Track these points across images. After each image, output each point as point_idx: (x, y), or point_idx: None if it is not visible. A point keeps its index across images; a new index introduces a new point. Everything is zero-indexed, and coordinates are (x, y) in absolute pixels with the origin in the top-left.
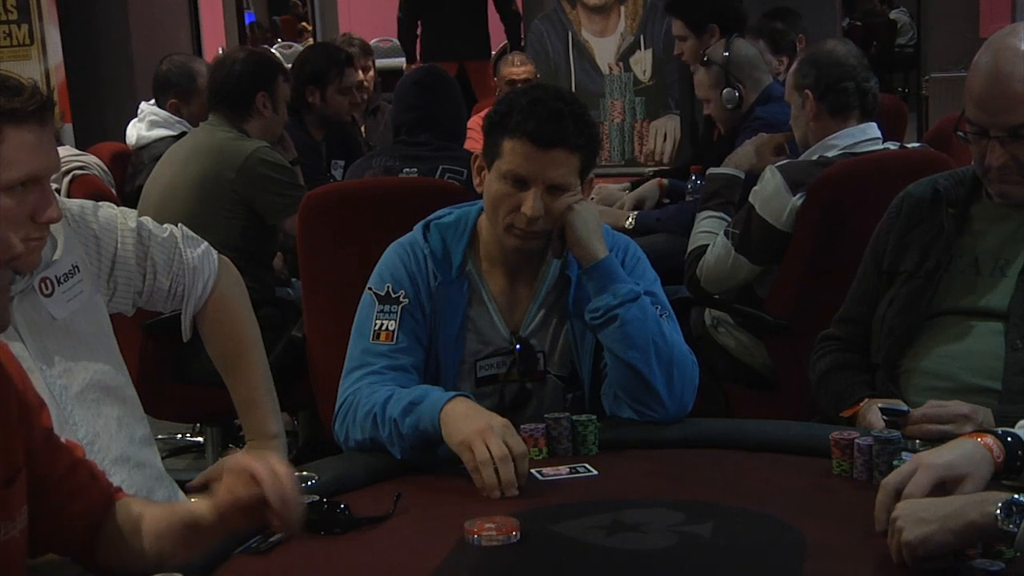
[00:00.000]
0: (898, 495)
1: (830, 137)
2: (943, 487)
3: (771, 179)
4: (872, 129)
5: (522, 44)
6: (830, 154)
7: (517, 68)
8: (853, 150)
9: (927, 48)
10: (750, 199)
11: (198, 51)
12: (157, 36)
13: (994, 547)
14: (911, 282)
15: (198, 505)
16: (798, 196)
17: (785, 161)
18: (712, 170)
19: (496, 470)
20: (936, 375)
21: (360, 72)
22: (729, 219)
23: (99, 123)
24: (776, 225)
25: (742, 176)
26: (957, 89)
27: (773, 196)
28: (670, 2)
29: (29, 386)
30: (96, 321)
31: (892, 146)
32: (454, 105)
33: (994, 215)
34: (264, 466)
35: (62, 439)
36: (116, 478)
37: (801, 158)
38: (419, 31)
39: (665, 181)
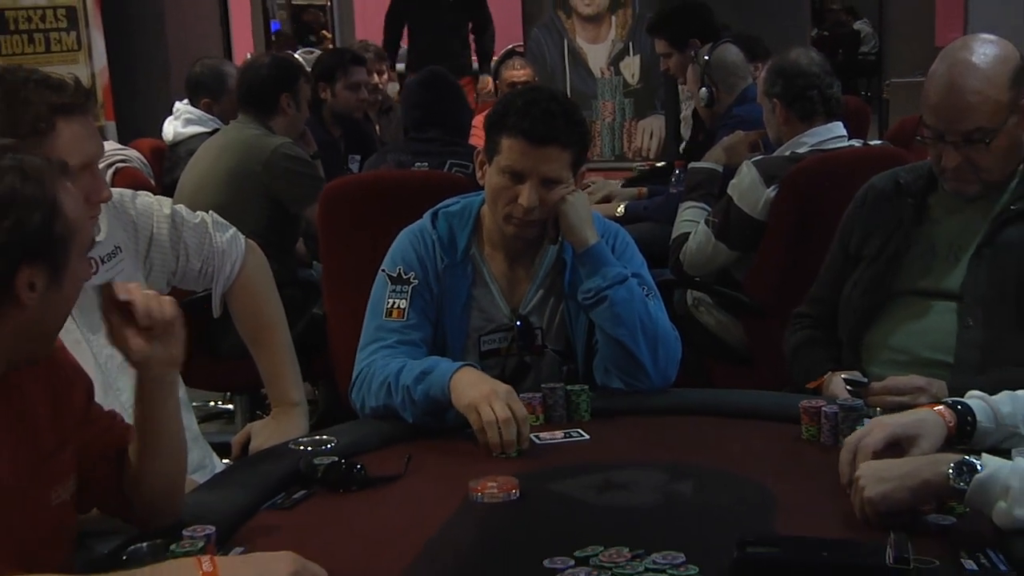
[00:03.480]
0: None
1: (800, 135)
2: (898, 446)
3: (748, 173)
4: (838, 128)
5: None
6: (801, 150)
7: (517, 71)
8: (822, 147)
9: (887, 56)
10: (728, 191)
11: (228, 55)
12: (191, 42)
13: (946, 503)
14: (874, 265)
15: None
16: (772, 188)
17: (760, 156)
18: (693, 164)
19: (502, 432)
20: (895, 349)
21: (375, 75)
22: (709, 209)
23: (139, 121)
24: (752, 215)
25: (720, 170)
26: (915, 93)
27: (750, 188)
28: (651, 25)
29: (69, 358)
30: None
31: (857, 143)
32: (456, 103)
33: (949, 206)
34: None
35: (103, 407)
36: None
37: (775, 154)
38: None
39: (645, 190)
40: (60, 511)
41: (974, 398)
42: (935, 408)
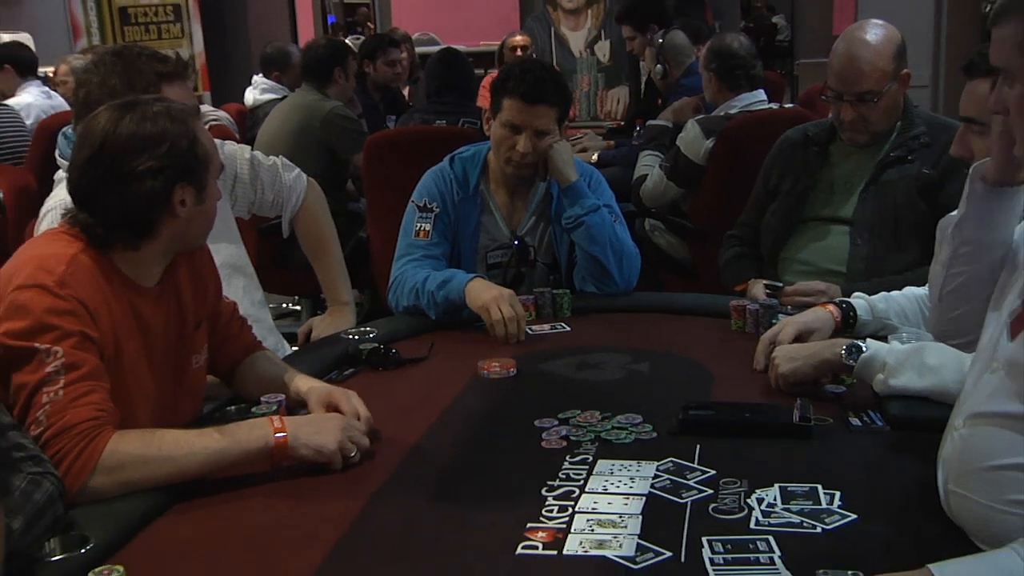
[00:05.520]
0: (772, 344)
1: (731, 100)
2: (800, 337)
3: (692, 128)
4: (761, 95)
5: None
6: (733, 111)
7: (517, 39)
8: (749, 108)
9: (797, 42)
10: (677, 142)
11: (294, 40)
12: (266, 31)
13: (839, 376)
14: (787, 199)
15: (300, 386)
16: (711, 140)
17: (702, 116)
18: (650, 122)
19: (507, 326)
20: (802, 262)
21: (406, 54)
22: (662, 156)
23: (227, 90)
24: (695, 160)
25: (670, 126)
26: (818, 70)
27: (694, 140)
28: (620, 14)
29: (209, 258)
30: (225, 220)
31: (775, 106)
32: (466, 74)
33: (845, 152)
34: (350, 408)
35: (226, 298)
36: None
37: (712, 114)
38: None
39: (613, 142)
40: (197, 373)
41: (857, 297)
42: (827, 307)
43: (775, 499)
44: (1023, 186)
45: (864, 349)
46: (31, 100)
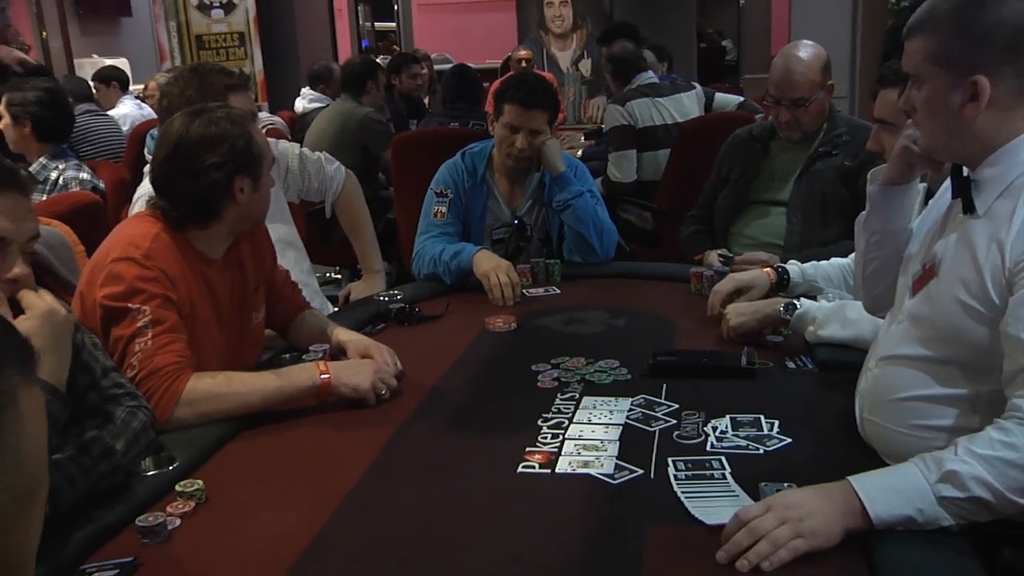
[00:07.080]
0: (719, 293)
1: (631, 83)
2: (740, 292)
3: (610, 106)
4: (648, 74)
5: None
6: (632, 87)
7: (522, 53)
8: (642, 83)
9: (743, 62)
10: (605, 124)
11: (335, 58)
12: (312, 52)
13: (778, 329)
14: (736, 185)
15: (340, 337)
16: (624, 105)
17: (614, 96)
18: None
19: (503, 290)
20: (748, 237)
21: (424, 69)
22: None
23: (281, 100)
24: (622, 123)
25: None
26: (760, 84)
27: (613, 111)
28: (599, 37)
29: (266, 232)
30: (280, 204)
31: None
32: (475, 84)
33: (782, 148)
34: (380, 356)
35: (280, 267)
36: None
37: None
38: None
39: (594, 141)
40: (256, 327)
41: (791, 264)
42: (764, 269)
43: (726, 427)
44: (913, 184)
45: (798, 306)
46: (127, 111)
